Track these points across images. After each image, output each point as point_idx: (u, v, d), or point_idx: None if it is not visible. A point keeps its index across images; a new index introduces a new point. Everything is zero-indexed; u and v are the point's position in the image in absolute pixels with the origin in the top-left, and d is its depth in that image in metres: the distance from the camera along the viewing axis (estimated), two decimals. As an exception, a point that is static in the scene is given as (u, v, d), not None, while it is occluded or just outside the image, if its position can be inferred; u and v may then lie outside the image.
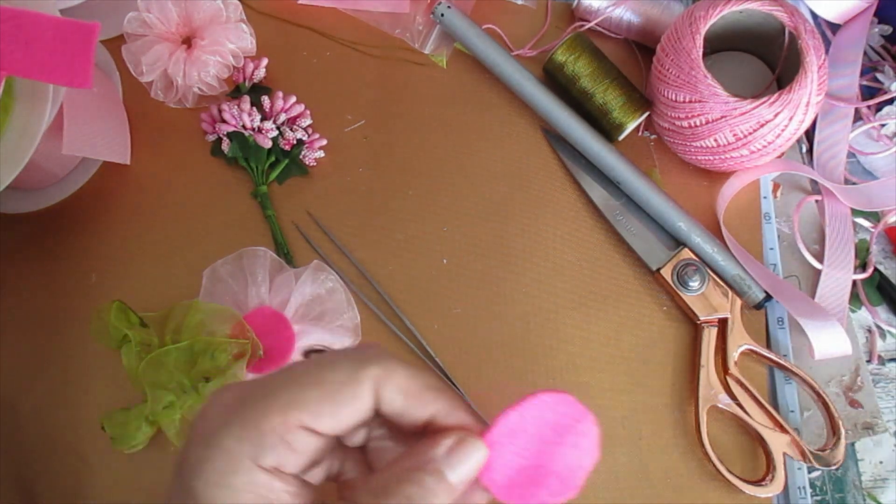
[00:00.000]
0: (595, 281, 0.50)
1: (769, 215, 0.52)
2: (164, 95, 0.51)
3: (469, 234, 0.51)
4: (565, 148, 0.52)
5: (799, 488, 0.46)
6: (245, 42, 0.51)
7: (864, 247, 0.52)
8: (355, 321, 0.48)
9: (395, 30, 0.55)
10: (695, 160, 0.50)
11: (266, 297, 0.47)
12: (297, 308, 0.47)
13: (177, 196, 0.52)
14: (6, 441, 0.47)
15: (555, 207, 0.51)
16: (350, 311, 0.48)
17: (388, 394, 0.28)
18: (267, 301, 0.47)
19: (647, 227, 0.50)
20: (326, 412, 0.27)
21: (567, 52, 0.50)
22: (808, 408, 0.48)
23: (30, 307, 0.50)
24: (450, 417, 0.29)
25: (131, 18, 0.49)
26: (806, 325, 0.47)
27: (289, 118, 0.51)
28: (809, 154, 0.53)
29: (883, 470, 0.48)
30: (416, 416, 0.29)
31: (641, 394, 0.48)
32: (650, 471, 0.47)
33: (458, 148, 0.53)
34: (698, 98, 0.45)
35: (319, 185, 0.52)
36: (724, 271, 0.49)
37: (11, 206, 0.51)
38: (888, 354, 0.50)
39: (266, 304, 0.46)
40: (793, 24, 0.46)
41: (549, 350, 0.49)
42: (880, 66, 0.53)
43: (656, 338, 0.49)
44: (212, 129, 0.51)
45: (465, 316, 0.49)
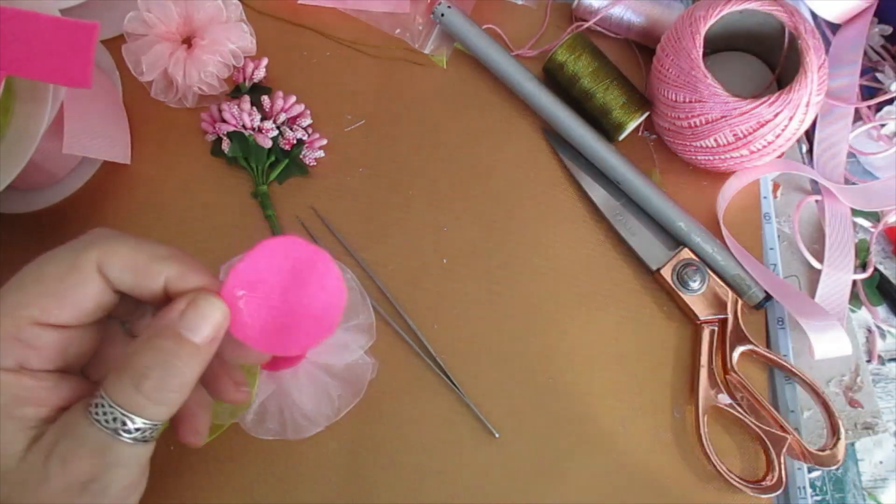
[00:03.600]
0: (595, 281, 0.50)
1: (769, 215, 0.52)
2: (164, 95, 0.51)
3: (469, 234, 0.51)
4: (565, 148, 0.52)
5: (799, 488, 0.46)
6: (245, 42, 0.51)
7: (864, 247, 0.52)
8: (370, 320, 0.47)
9: (395, 30, 0.55)
10: (695, 160, 0.50)
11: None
12: None
13: (177, 196, 0.52)
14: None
15: (555, 207, 0.51)
16: (365, 311, 0.47)
17: (115, 272, 0.29)
18: None
19: (647, 227, 0.50)
20: (53, 304, 0.28)
21: (567, 52, 0.50)
22: (808, 408, 0.48)
23: (30, 307, 0.50)
24: (183, 281, 0.29)
25: (131, 18, 0.49)
26: (806, 325, 0.47)
27: (289, 118, 0.51)
28: (809, 154, 0.53)
29: (883, 470, 0.48)
30: (151, 287, 0.29)
31: (641, 394, 0.48)
32: (650, 471, 0.47)
33: (458, 148, 0.53)
34: (698, 98, 0.45)
35: (319, 184, 0.52)
36: (724, 271, 0.49)
37: (11, 206, 0.51)
38: (888, 354, 0.50)
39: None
40: (793, 24, 0.46)
41: (549, 350, 0.49)
42: (880, 66, 0.53)
43: (656, 338, 0.49)
44: (212, 129, 0.51)
45: (464, 316, 0.49)
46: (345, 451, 0.47)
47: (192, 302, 0.29)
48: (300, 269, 0.31)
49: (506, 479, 0.46)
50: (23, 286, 0.28)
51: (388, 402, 0.47)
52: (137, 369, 0.27)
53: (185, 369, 0.28)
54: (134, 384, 0.27)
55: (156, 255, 0.29)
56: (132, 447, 0.28)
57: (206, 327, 0.29)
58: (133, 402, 0.27)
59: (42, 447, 0.27)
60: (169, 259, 0.30)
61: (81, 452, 0.27)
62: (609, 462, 0.47)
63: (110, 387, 0.28)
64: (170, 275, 0.29)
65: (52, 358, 0.29)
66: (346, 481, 0.46)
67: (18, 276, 0.29)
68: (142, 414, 0.27)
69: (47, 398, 0.28)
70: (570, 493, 0.46)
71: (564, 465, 0.47)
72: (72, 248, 0.29)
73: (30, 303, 0.28)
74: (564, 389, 0.48)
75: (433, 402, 0.47)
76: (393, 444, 0.47)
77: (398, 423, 0.47)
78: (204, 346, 0.29)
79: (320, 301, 0.31)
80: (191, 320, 0.28)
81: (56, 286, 0.28)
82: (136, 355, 0.28)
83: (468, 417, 0.47)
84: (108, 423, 0.27)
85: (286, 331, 0.31)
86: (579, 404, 0.48)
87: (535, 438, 0.47)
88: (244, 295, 0.30)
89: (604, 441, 0.47)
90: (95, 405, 0.28)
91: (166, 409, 0.28)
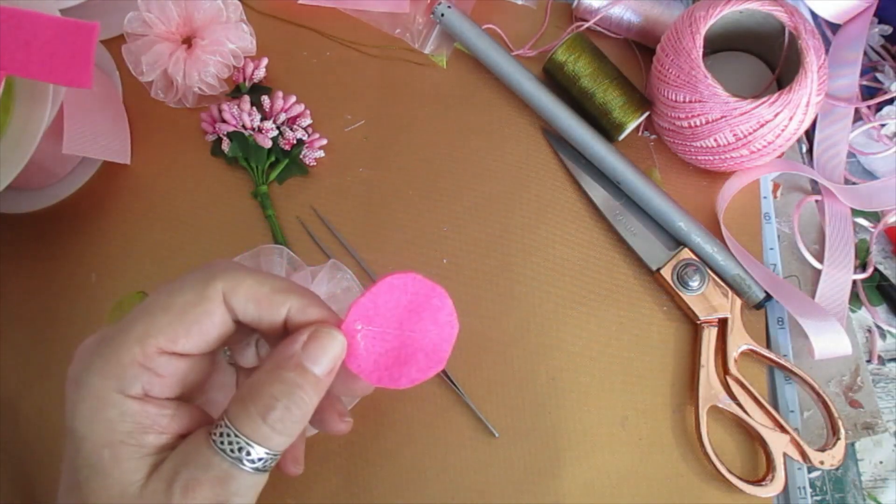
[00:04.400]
0: (595, 281, 0.50)
1: (769, 215, 0.52)
2: (164, 95, 0.51)
3: (469, 234, 0.51)
4: (565, 148, 0.52)
5: (799, 488, 0.46)
6: (245, 42, 0.51)
7: (864, 247, 0.52)
8: None
9: (395, 30, 0.55)
10: (695, 160, 0.50)
11: None
12: None
13: (177, 196, 0.52)
14: (6, 441, 0.47)
15: (555, 207, 0.51)
16: None
17: (239, 304, 0.29)
18: None
19: (647, 227, 0.50)
20: (181, 333, 0.29)
21: (567, 52, 0.50)
22: (808, 408, 0.48)
23: (30, 307, 0.50)
24: (304, 314, 0.30)
25: (131, 18, 0.49)
26: (806, 325, 0.47)
27: (289, 118, 0.51)
28: (809, 154, 0.53)
29: (883, 470, 0.48)
30: (272, 318, 0.30)
31: (641, 394, 0.48)
32: (650, 471, 0.47)
33: (458, 148, 0.53)
34: (698, 98, 0.45)
35: (319, 184, 0.52)
36: (724, 271, 0.49)
37: (11, 206, 0.51)
38: (888, 354, 0.50)
39: None
40: (793, 24, 0.46)
41: (549, 350, 0.49)
42: (880, 66, 0.53)
43: (656, 338, 0.49)
44: (212, 129, 0.51)
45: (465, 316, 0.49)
46: (345, 451, 0.47)
47: (314, 334, 0.29)
48: (416, 304, 0.32)
49: (505, 478, 0.46)
50: (151, 314, 0.29)
51: (387, 402, 0.47)
52: (264, 400, 0.28)
53: (308, 401, 0.29)
54: (260, 414, 0.28)
55: (278, 288, 0.30)
56: (252, 476, 0.28)
57: (327, 360, 0.29)
58: (259, 432, 0.27)
59: (163, 475, 0.28)
60: (290, 292, 0.30)
61: (205, 480, 0.27)
62: (609, 462, 0.47)
63: (235, 416, 0.28)
64: (292, 307, 0.30)
65: (174, 386, 0.29)
66: (346, 481, 0.46)
67: (146, 303, 0.29)
68: (266, 444, 0.28)
69: (168, 426, 0.29)
70: (570, 493, 0.46)
71: (564, 464, 0.47)
72: (199, 278, 0.29)
73: (159, 332, 0.28)
74: (564, 389, 0.48)
75: (433, 402, 0.47)
76: (393, 444, 0.47)
77: (398, 422, 0.47)
78: (324, 378, 0.29)
79: (433, 336, 0.32)
80: (313, 352, 0.29)
81: (184, 316, 0.29)
82: (261, 385, 0.28)
83: (468, 417, 0.47)
84: (231, 453, 0.27)
85: (398, 365, 0.31)
86: (579, 404, 0.48)
87: (534, 438, 0.47)
88: (362, 328, 0.31)
89: (604, 441, 0.47)
90: (220, 434, 0.28)
91: (287, 440, 0.28)
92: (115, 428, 0.28)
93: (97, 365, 0.28)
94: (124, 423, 0.28)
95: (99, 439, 0.28)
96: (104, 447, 0.27)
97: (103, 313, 0.49)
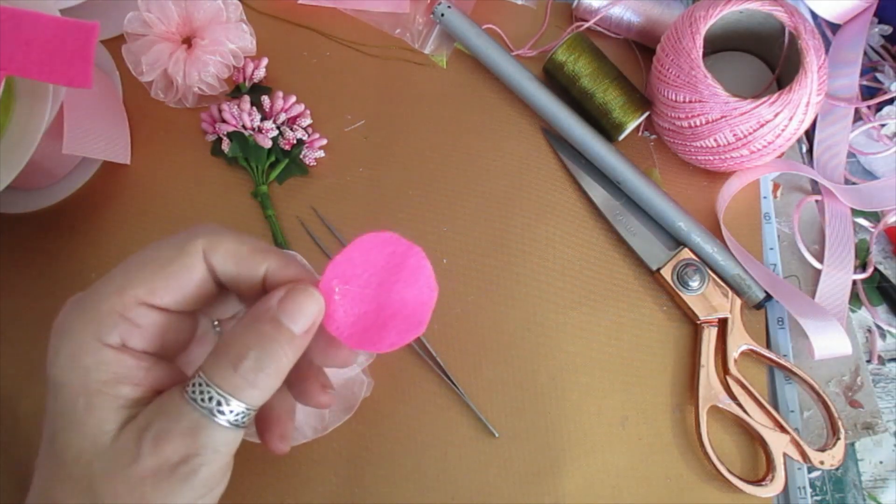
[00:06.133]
0: (595, 281, 0.50)
1: (769, 215, 0.52)
2: (164, 95, 0.51)
3: (469, 234, 0.51)
4: (565, 148, 0.52)
5: (799, 488, 0.46)
6: (245, 42, 0.51)
7: (864, 247, 0.52)
8: None
9: (395, 30, 0.55)
10: (695, 160, 0.50)
11: None
12: None
13: (177, 196, 0.52)
14: (6, 441, 0.47)
15: (555, 207, 0.51)
16: None
17: (219, 260, 0.30)
18: None
19: (647, 227, 0.50)
20: (160, 286, 0.29)
21: (567, 52, 0.50)
22: (808, 408, 0.48)
23: (30, 307, 0.50)
24: (282, 273, 0.30)
25: (131, 18, 0.49)
26: (806, 325, 0.47)
27: (289, 118, 0.51)
28: (809, 154, 0.53)
29: (883, 470, 0.48)
30: (251, 276, 0.30)
31: (641, 394, 0.48)
32: (650, 471, 0.47)
33: (458, 148, 0.53)
34: (698, 98, 0.45)
35: (319, 184, 0.52)
36: (724, 271, 0.49)
37: (11, 206, 0.51)
38: (888, 354, 0.50)
39: None
40: (793, 24, 0.46)
41: (549, 350, 0.49)
42: (880, 66, 0.53)
43: (656, 338, 0.49)
44: (212, 129, 0.51)
45: (465, 316, 0.49)
46: (345, 451, 0.47)
47: (290, 291, 0.29)
48: (393, 266, 0.31)
49: (505, 478, 0.46)
50: (129, 269, 0.29)
51: (388, 403, 0.47)
52: (236, 350, 0.28)
53: (282, 355, 0.28)
54: (232, 364, 0.28)
55: (257, 248, 0.30)
56: (224, 431, 0.28)
57: (303, 317, 0.29)
58: (230, 382, 0.28)
59: (135, 427, 0.28)
60: (269, 252, 0.30)
61: (175, 431, 0.27)
62: (609, 462, 0.47)
63: (208, 367, 0.28)
64: (270, 266, 0.30)
65: (152, 339, 0.30)
66: (346, 481, 0.46)
67: (128, 259, 0.30)
68: (238, 395, 0.28)
69: (144, 379, 0.29)
70: (570, 493, 0.46)
71: (564, 464, 0.47)
72: (181, 236, 0.30)
73: (139, 283, 0.29)
74: (564, 389, 0.48)
75: (433, 402, 0.47)
76: (393, 444, 0.47)
77: (398, 422, 0.47)
78: (299, 336, 0.29)
79: (412, 298, 0.31)
80: (289, 308, 0.29)
81: (163, 269, 0.29)
82: (234, 337, 0.29)
83: (468, 417, 0.47)
84: (203, 403, 0.27)
85: (377, 328, 0.31)
86: (579, 404, 0.48)
87: (534, 438, 0.47)
88: (339, 288, 0.30)
89: (604, 441, 0.47)
90: (192, 385, 0.28)
91: (260, 394, 0.28)
92: (91, 376, 0.28)
93: (77, 313, 0.29)
94: (100, 371, 0.28)
95: (75, 387, 0.28)
96: (79, 395, 0.27)
97: (103, 313, 0.49)
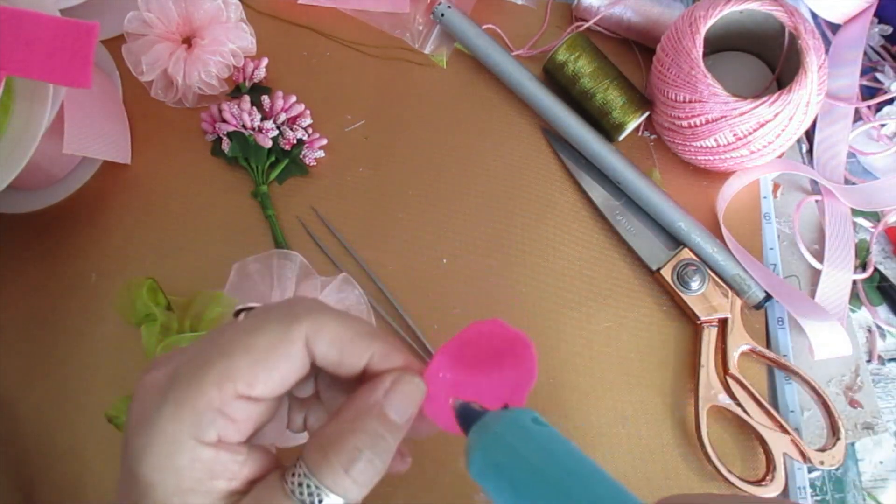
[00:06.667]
0: (595, 281, 0.50)
1: (769, 215, 0.52)
2: (164, 95, 0.51)
3: (469, 235, 0.51)
4: (565, 148, 0.52)
5: (799, 488, 0.46)
6: (245, 42, 0.51)
7: (864, 247, 0.52)
8: None
9: (395, 30, 0.55)
10: (695, 160, 0.50)
11: None
12: None
13: (177, 196, 0.52)
14: (6, 441, 0.47)
15: (555, 207, 0.51)
16: None
17: (321, 348, 0.28)
18: None
19: (647, 227, 0.50)
20: (260, 378, 0.27)
21: (567, 52, 0.50)
22: (808, 408, 0.48)
23: (30, 307, 0.50)
24: (386, 361, 0.29)
25: (131, 18, 0.49)
26: (806, 325, 0.47)
27: (289, 118, 0.51)
28: (809, 154, 0.53)
29: (883, 470, 0.48)
30: (354, 364, 0.29)
31: (641, 394, 0.48)
32: (650, 471, 0.47)
33: (458, 148, 0.53)
34: (698, 98, 0.45)
35: (319, 184, 0.52)
36: (724, 271, 0.49)
37: (11, 206, 0.51)
38: (888, 354, 0.50)
39: None
40: (793, 24, 0.46)
41: (549, 349, 0.49)
42: (880, 66, 0.53)
43: (656, 338, 0.49)
44: (212, 129, 0.51)
45: (465, 316, 0.49)
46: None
47: (397, 381, 0.28)
48: (499, 351, 0.31)
49: (506, 479, 0.46)
50: (230, 355, 0.27)
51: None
52: (347, 451, 0.27)
53: (389, 451, 0.28)
54: (343, 466, 0.27)
55: (361, 333, 0.29)
56: None
57: (410, 409, 0.28)
58: (341, 484, 0.27)
59: None
60: (374, 337, 0.29)
61: None
62: (609, 462, 0.47)
63: (315, 465, 0.27)
64: (375, 353, 0.29)
65: (247, 431, 0.28)
66: (346, 481, 0.46)
67: (220, 341, 0.27)
68: (345, 495, 0.27)
69: (240, 471, 0.28)
70: (570, 493, 0.46)
71: (564, 465, 0.47)
72: (281, 317, 0.28)
73: (238, 375, 0.27)
74: (564, 389, 0.48)
75: (433, 402, 0.47)
76: (393, 444, 0.47)
77: (398, 423, 0.47)
78: (403, 427, 0.28)
79: (510, 383, 0.31)
80: (395, 401, 0.28)
81: (265, 359, 0.27)
82: (343, 435, 0.27)
83: (468, 417, 0.47)
84: (303, 497, 0.26)
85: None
86: (579, 404, 0.48)
87: (535, 438, 0.47)
88: (443, 376, 0.30)
89: (604, 441, 0.47)
90: (297, 483, 0.27)
91: (365, 490, 0.27)
92: (186, 475, 0.26)
93: (169, 408, 0.26)
94: (195, 469, 0.26)
95: (169, 488, 0.26)
96: (173, 495, 0.26)
97: (103, 313, 0.49)
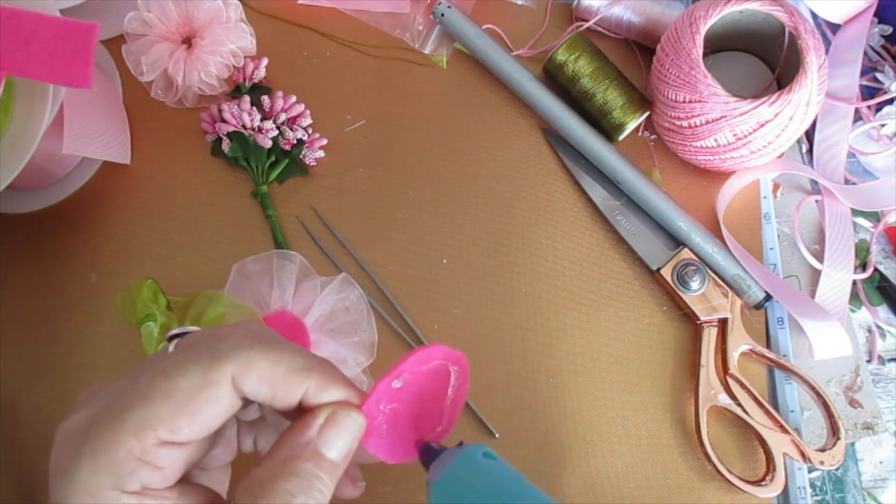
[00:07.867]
0: (595, 281, 0.50)
1: (769, 215, 0.52)
2: (164, 95, 0.51)
3: (469, 235, 0.51)
4: (565, 148, 0.52)
5: (799, 488, 0.46)
6: (245, 42, 0.51)
7: (864, 247, 0.52)
8: (372, 339, 0.47)
9: (395, 30, 0.55)
10: (695, 160, 0.50)
11: (289, 302, 0.46)
12: (317, 317, 0.46)
13: (177, 196, 0.52)
14: (6, 441, 0.47)
15: (555, 207, 0.51)
16: (368, 329, 0.47)
17: (250, 385, 0.27)
18: (289, 306, 0.46)
19: (647, 227, 0.50)
20: (183, 424, 0.25)
21: (567, 52, 0.50)
22: (808, 408, 0.48)
23: (30, 307, 0.50)
24: (322, 394, 0.28)
25: (131, 18, 0.49)
26: (806, 325, 0.47)
27: (289, 118, 0.51)
28: (809, 154, 0.53)
29: (883, 470, 0.48)
30: (287, 399, 0.28)
31: (641, 394, 0.48)
32: (650, 471, 0.47)
33: (458, 148, 0.53)
34: (698, 98, 0.45)
35: (319, 184, 0.52)
36: (724, 271, 0.49)
37: (11, 206, 0.51)
38: (888, 354, 0.50)
39: (288, 308, 0.46)
40: (793, 24, 0.46)
41: (549, 350, 0.49)
42: (880, 66, 0.53)
43: (656, 338, 0.49)
44: (212, 129, 0.51)
45: (465, 316, 0.49)
46: (345, 451, 0.47)
47: (332, 418, 0.27)
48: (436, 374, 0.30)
49: (506, 479, 0.46)
50: (149, 401, 0.26)
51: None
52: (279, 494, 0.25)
53: (326, 490, 0.26)
54: None
55: (295, 367, 0.27)
56: None
57: (345, 445, 0.27)
58: None
59: None
60: (308, 371, 0.28)
61: None
62: (609, 462, 0.47)
63: None
64: (309, 387, 0.27)
65: (175, 474, 0.27)
66: (346, 481, 0.46)
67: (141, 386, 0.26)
68: None
69: None
70: (570, 493, 0.46)
71: (564, 464, 0.47)
72: (203, 357, 0.27)
73: (158, 422, 0.25)
74: (564, 389, 0.48)
75: (433, 402, 0.47)
76: (393, 444, 0.47)
77: (398, 423, 0.47)
78: (341, 463, 0.27)
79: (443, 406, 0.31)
80: (330, 438, 0.27)
81: (187, 403, 0.26)
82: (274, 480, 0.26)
83: (468, 417, 0.47)
84: None
85: (408, 438, 0.30)
86: (579, 404, 0.48)
87: (534, 438, 0.47)
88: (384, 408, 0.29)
89: (604, 441, 0.47)
90: None
91: None
92: None
93: (86, 458, 0.25)
94: None
95: None
96: None
97: (103, 313, 0.49)
